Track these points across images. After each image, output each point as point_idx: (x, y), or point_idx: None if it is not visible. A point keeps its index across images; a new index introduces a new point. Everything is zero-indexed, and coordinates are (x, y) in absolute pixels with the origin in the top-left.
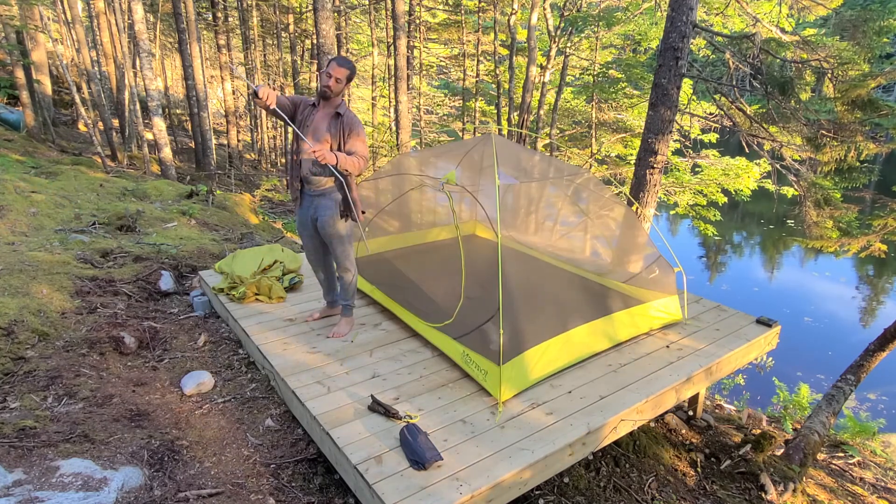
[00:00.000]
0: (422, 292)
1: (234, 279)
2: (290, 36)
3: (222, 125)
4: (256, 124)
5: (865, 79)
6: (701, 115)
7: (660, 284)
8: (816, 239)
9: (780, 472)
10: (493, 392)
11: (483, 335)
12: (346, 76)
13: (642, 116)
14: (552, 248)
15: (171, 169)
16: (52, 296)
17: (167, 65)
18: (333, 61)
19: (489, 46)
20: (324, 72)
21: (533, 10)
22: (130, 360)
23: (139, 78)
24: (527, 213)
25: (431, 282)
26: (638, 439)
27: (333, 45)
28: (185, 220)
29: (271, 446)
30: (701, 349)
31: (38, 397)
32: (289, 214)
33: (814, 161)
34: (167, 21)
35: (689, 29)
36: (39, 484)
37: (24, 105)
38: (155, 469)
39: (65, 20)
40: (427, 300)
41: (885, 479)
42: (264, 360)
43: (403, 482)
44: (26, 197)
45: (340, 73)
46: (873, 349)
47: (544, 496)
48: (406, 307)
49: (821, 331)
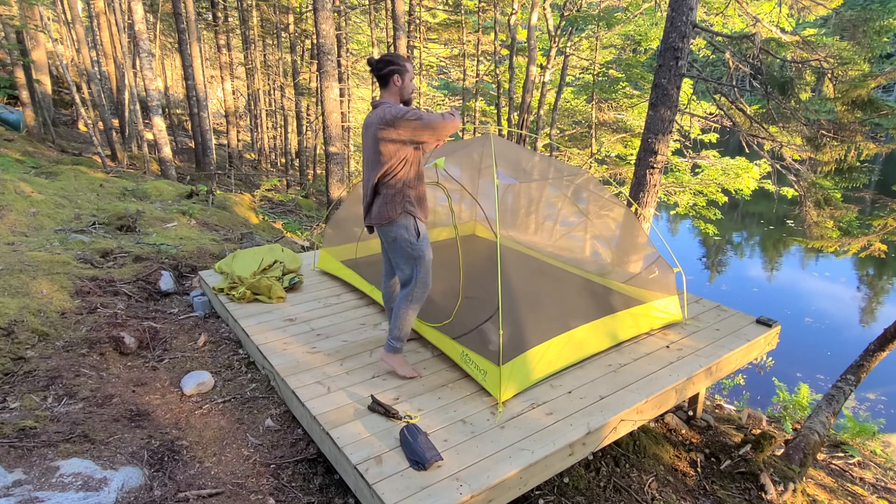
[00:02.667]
0: None
1: (234, 279)
2: (290, 36)
3: (222, 125)
4: (256, 124)
5: (865, 79)
6: (701, 115)
7: (659, 285)
8: (816, 239)
9: (780, 472)
10: (492, 392)
11: (482, 335)
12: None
13: (642, 116)
14: (552, 249)
15: (171, 169)
16: (52, 296)
17: (167, 65)
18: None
19: (489, 46)
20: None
21: (533, 10)
22: (130, 360)
23: (139, 78)
24: (526, 213)
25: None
26: (638, 439)
27: (333, 45)
28: (185, 220)
29: (271, 446)
30: (701, 349)
31: (38, 397)
32: (289, 214)
33: (814, 161)
34: (167, 21)
35: (689, 29)
36: (39, 484)
37: (24, 105)
38: (155, 469)
39: (65, 20)
40: (426, 299)
41: (885, 479)
42: (264, 360)
43: (403, 482)
44: (26, 197)
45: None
46: (873, 349)
47: (544, 496)
48: None
49: (821, 331)
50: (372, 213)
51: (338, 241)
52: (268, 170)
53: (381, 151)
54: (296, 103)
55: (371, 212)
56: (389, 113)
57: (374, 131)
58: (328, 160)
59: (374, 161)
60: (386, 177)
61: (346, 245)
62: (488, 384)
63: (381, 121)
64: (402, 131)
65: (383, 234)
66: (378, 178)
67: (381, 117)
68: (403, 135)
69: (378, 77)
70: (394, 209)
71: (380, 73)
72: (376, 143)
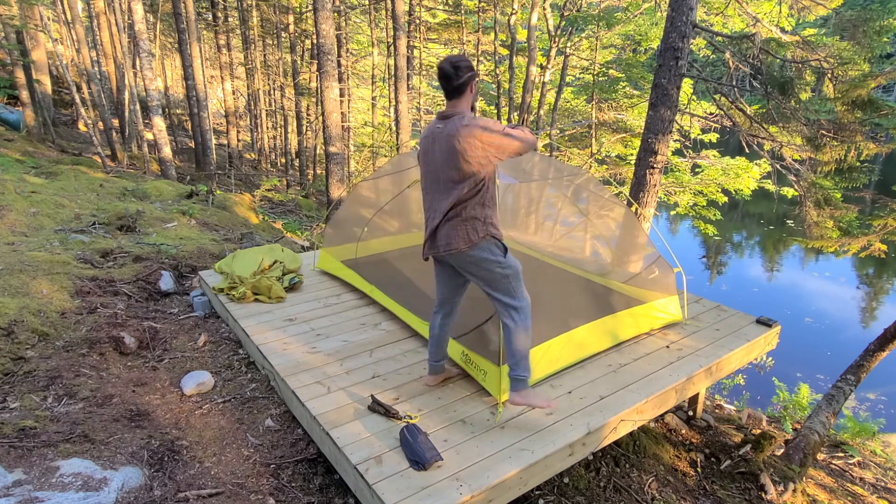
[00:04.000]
0: (420, 291)
1: (234, 279)
2: (290, 36)
3: (222, 125)
4: (256, 124)
5: (865, 79)
6: (701, 115)
7: (659, 285)
8: (817, 239)
9: (780, 472)
10: (492, 392)
11: (482, 335)
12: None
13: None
14: (552, 249)
15: (171, 169)
16: (52, 296)
17: (167, 65)
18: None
19: (489, 46)
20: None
21: (533, 10)
22: (130, 360)
23: (139, 78)
24: (526, 213)
25: (429, 281)
26: (638, 439)
27: (333, 45)
28: (185, 220)
29: (271, 446)
30: (701, 349)
31: (38, 397)
32: (289, 214)
33: (814, 161)
34: (167, 21)
35: (689, 29)
36: (39, 484)
37: (24, 105)
38: (155, 469)
39: (65, 20)
40: (425, 299)
41: (885, 479)
42: (264, 360)
43: (403, 482)
44: (26, 197)
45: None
46: (873, 349)
47: (544, 496)
48: (406, 306)
49: (821, 331)
50: (442, 239)
51: (338, 242)
52: (268, 170)
53: (464, 169)
54: (296, 103)
55: (439, 237)
56: (484, 127)
57: (455, 145)
58: (328, 160)
59: (450, 179)
60: (469, 197)
61: (347, 245)
62: (488, 384)
63: (471, 135)
64: (495, 147)
65: (458, 260)
66: (458, 198)
67: (471, 132)
68: (493, 150)
69: (456, 86)
70: (475, 232)
71: (459, 80)
72: (456, 159)
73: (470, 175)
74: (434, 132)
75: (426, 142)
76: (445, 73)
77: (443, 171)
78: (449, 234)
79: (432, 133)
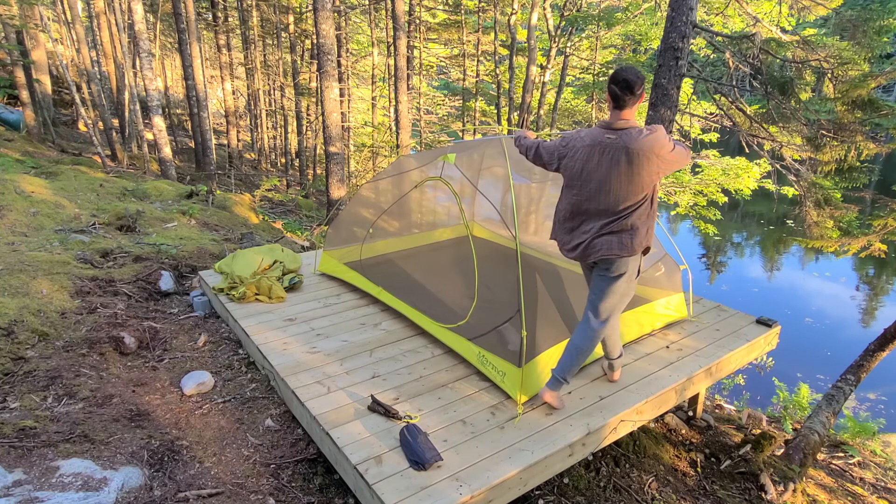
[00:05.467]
0: (429, 293)
1: (234, 279)
2: (290, 36)
3: (222, 125)
4: (256, 124)
5: (865, 79)
6: (701, 115)
7: (665, 282)
8: (817, 239)
9: (780, 472)
10: (511, 393)
11: (500, 336)
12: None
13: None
14: (554, 248)
15: (171, 169)
16: (52, 296)
17: (167, 65)
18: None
19: (489, 46)
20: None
21: (533, 10)
22: (130, 360)
23: (139, 78)
24: (527, 213)
25: (438, 282)
26: (638, 439)
27: (333, 45)
28: (185, 220)
29: (271, 446)
30: (701, 349)
31: (38, 397)
32: (289, 214)
33: (814, 161)
34: (167, 21)
35: (689, 29)
36: (39, 484)
37: (24, 105)
38: (155, 469)
39: (65, 20)
40: (435, 301)
41: (885, 479)
42: (264, 360)
43: (403, 482)
44: (26, 197)
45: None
46: (873, 349)
47: (544, 496)
48: (416, 308)
49: (821, 331)
50: (603, 245)
51: (340, 244)
52: (268, 170)
53: (641, 182)
54: (296, 103)
55: (597, 244)
56: (664, 143)
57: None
58: (328, 160)
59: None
60: (639, 207)
61: (350, 247)
62: (507, 385)
63: (651, 150)
64: (668, 164)
65: (611, 266)
66: (627, 208)
67: (651, 146)
68: (666, 166)
69: (635, 96)
70: (639, 242)
71: (636, 92)
72: (633, 172)
73: (647, 187)
74: (603, 142)
75: (588, 150)
76: (629, 83)
77: (613, 181)
78: (611, 240)
79: (600, 143)
